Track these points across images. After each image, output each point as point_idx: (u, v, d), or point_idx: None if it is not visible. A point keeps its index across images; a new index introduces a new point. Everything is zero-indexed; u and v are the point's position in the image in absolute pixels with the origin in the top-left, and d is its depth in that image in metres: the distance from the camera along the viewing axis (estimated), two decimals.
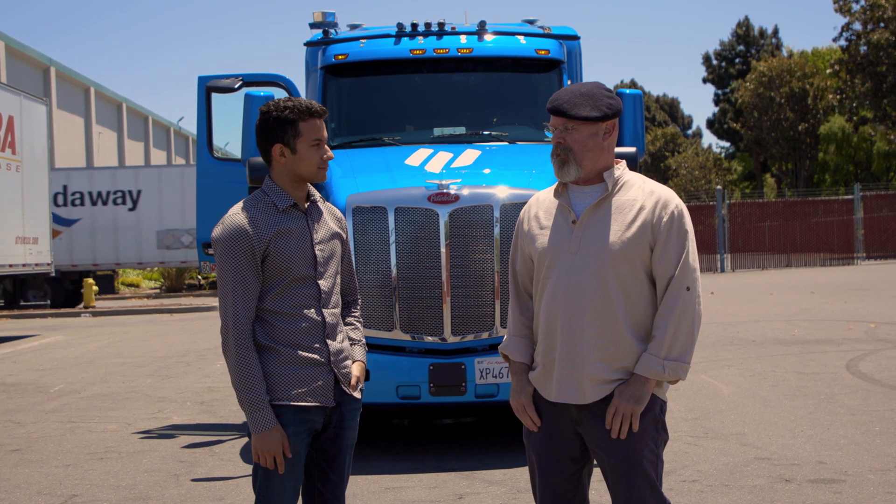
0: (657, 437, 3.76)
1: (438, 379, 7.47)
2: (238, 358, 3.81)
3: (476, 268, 7.49)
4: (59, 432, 9.40)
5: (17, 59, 39.90)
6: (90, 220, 31.89)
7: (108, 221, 32.03)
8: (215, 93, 9.22)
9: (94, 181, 32.34)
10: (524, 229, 3.94)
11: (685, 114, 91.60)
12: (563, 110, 3.74)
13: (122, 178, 32.38)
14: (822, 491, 6.41)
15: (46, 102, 23.17)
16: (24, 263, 20.60)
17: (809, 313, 18.77)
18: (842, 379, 10.72)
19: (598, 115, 3.73)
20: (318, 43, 9.47)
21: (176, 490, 7.08)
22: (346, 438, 4.06)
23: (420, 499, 6.64)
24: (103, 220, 31.99)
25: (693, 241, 3.75)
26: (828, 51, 64.95)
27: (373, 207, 7.57)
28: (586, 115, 3.72)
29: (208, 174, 9.54)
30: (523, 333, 3.95)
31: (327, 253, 4.01)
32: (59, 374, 13.87)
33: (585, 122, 3.73)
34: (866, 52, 49.50)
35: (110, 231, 31.91)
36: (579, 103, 3.74)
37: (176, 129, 63.79)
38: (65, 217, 31.69)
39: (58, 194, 31.46)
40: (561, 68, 9.32)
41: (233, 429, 9.28)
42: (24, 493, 7.18)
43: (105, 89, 50.68)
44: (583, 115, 3.72)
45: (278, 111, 3.91)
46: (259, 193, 3.97)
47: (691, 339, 3.70)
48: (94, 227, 31.88)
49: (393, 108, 9.57)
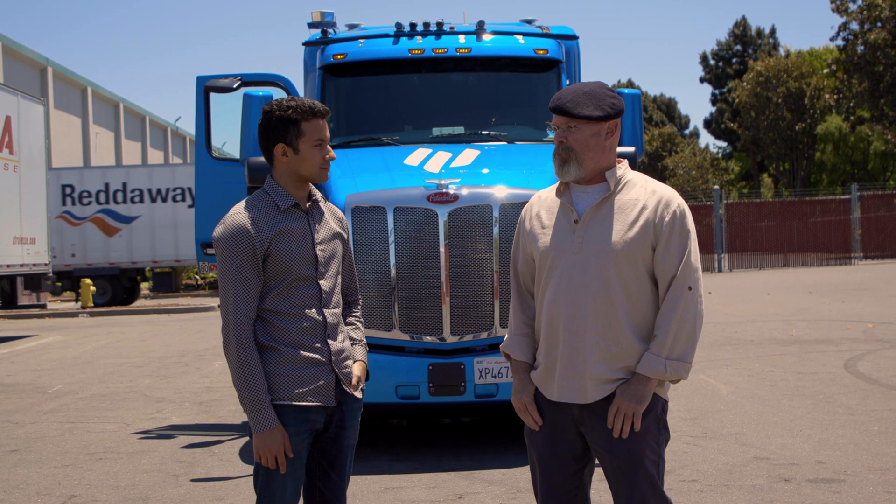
0: (659, 437, 3.76)
1: (438, 379, 7.47)
2: (239, 358, 3.81)
3: (475, 268, 7.48)
4: (58, 433, 9.39)
5: (13, 59, 39.87)
6: (149, 217, 32.06)
7: (168, 218, 32.17)
8: (214, 93, 9.21)
9: (153, 178, 32.55)
10: (526, 228, 3.94)
11: (682, 114, 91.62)
12: (566, 109, 3.74)
13: (181, 175, 32.55)
14: (821, 490, 6.42)
15: (43, 102, 23.15)
16: (22, 263, 20.57)
17: (807, 313, 18.78)
18: (840, 379, 10.72)
19: (600, 115, 3.73)
20: (316, 43, 9.46)
21: (175, 490, 7.07)
22: (348, 438, 4.06)
23: (420, 498, 6.64)
24: (162, 217, 32.15)
25: (695, 241, 3.75)
26: (825, 50, 64.98)
27: (372, 207, 7.57)
28: (589, 115, 3.72)
29: (207, 174, 9.52)
30: (525, 332, 3.95)
31: (328, 253, 4.01)
32: (57, 374, 13.86)
33: (588, 121, 3.73)
34: (863, 52, 49.47)
35: (169, 228, 32.03)
36: (582, 102, 3.73)
37: (173, 129, 63.75)
38: (124, 214, 31.95)
39: (117, 192, 31.79)
40: (559, 68, 9.32)
41: (232, 429, 9.27)
42: (24, 493, 7.18)
43: (102, 89, 50.65)
44: (585, 114, 3.72)
45: (281, 111, 3.90)
46: (260, 193, 3.97)
47: (693, 339, 3.70)
48: (154, 224, 32.06)
49: (392, 107, 9.56)
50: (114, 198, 31.64)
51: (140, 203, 32.07)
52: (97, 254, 31.39)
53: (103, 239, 31.49)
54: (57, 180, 31.15)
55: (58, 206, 30.93)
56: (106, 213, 31.74)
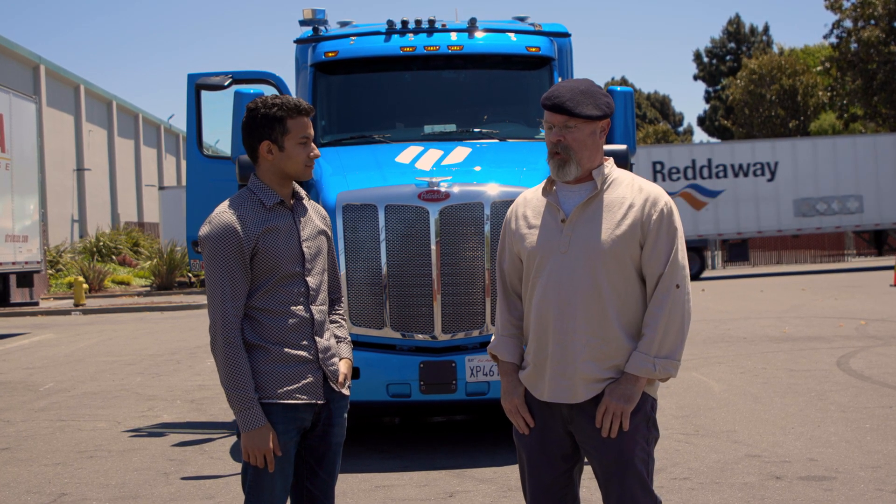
0: (648, 436, 3.75)
1: (429, 377, 7.46)
2: (227, 356, 3.80)
3: (466, 266, 7.47)
4: (49, 431, 9.36)
5: (6, 56, 39.80)
6: (733, 192, 33.19)
7: (749, 192, 33.32)
8: (205, 90, 9.20)
9: (735, 154, 33.67)
10: (512, 228, 3.92)
11: (676, 111, 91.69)
12: (567, 108, 3.71)
13: (760, 150, 33.81)
14: (812, 488, 6.42)
15: (36, 100, 23.09)
16: (14, 262, 20.52)
17: (800, 310, 18.80)
18: (832, 376, 10.73)
19: (599, 114, 3.72)
20: (307, 40, 9.44)
21: (165, 488, 7.05)
22: (335, 436, 4.05)
23: (410, 497, 6.63)
24: (744, 191, 33.30)
25: (682, 239, 3.74)
26: (818, 48, 65.04)
27: (363, 205, 7.55)
28: (589, 114, 3.70)
29: (198, 172, 9.52)
30: (512, 333, 3.93)
31: (314, 250, 4.00)
32: (48, 372, 13.83)
33: (587, 120, 3.71)
34: (857, 50, 49.58)
35: (751, 201, 33.25)
36: (581, 101, 3.71)
37: (166, 126, 63.69)
38: (710, 188, 33.19)
39: (703, 167, 33.04)
40: (552, 65, 9.30)
41: (223, 427, 9.25)
42: (13, 491, 7.15)
43: (95, 87, 50.58)
44: (586, 113, 3.70)
45: (266, 108, 3.89)
46: (245, 191, 3.96)
47: (681, 337, 3.69)
48: (737, 198, 33.23)
49: (383, 105, 9.54)
50: (700, 173, 33.04)
51: (724, 178, 33.27)
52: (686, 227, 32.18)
53: (691, 212, 32.73)
54: (647, 157, 32.98)
55: None
56: (693, 187, 33.06)
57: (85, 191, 47.75)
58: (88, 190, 48.14)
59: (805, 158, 33.43)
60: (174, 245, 34.93)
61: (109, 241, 41.30)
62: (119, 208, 53.23)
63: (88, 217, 47.75)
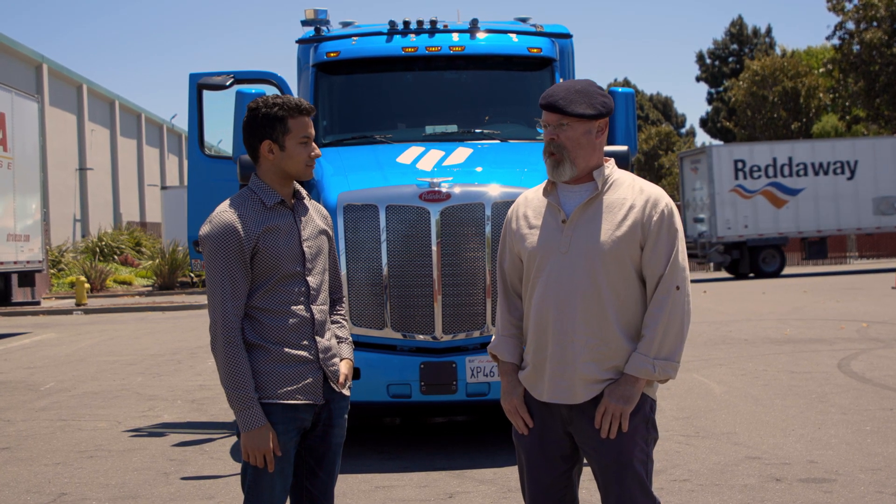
0: (647, 437, 3.74)
1: (429, 377, 7.46)
2: (227, 356, 3.80)
3: (467, 266, 7.47)
4: (49, 430, 9.36)
5: (9, 56, 39.82)
6: (813, 190, 33.41)
7: (829, 190, 33.53)
8: (207, 90, 9.20)
9: (815, 153, 33.85)
10: (512, 228, 3.92)
11: (678, 112, 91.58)
12: (559, 107, 3.71)
13: (840, 149, 33.96)
14: (812, 490, 6.41)
15: (38, 99, 23.09)
16: (16, 261, 20.52)
17: (801, 312, 18.79)
18: (833, 378, 10.72)
19: (593, 113, 3.71)
20: (309, 40, 9.44)
21: (166, 488, 7.05)
22: (335, 436, 4.05)
23: (410, 498, 6.63)
24: (824, 189, 33.52)
25: (683, 240, 3.74)
26: (821, 50, 65.00)
27: (364, 205, 7.55)
28: (582, 113, 3.70)
29: (199, 171, 9.53)
30: (512, 333, 3.93)
31: (315, 249, 4.00)
32: (49, 371, 13.83)
33: (581, 119, 3.71)
34: (859, 52, 49.55)
35: (831, 199, 33.47)
36: (575, 100, 3.71)
37: (169, 126, 63.70)
38: (790, 187, 33.40)
39: (783, 166, 33.31)
40: (553, 66, 9.30)
41: (223, 427, 9.25)
42: (13, 491, 7.15)
43: (98, 87, 50.59)
44: (579, 112, 3.70)
45: (267, 108, 3.90)
46: (246, 191, 3.96)
47: (681, 338, 3.68)
48: (817, 196, 33.45)
49: (385, 105, 9.55)
50: (781, 171, 33.27)
51: (804, 176, 33.46)
52: (767, 225, 33.00)
53: (772, 210, 33.00)
54: (729, 156, 33.24)
55: (731, 180, 32.94)
56: (774, 185, 33.28)
57: (87, 190, 47.76)
58: (90, 189, 48.15)
59: (885, 157, 33.59)
60: (176, 245, 34.93)
61: (111, 241, 41.31)
62: (121, 208, 53.25)
63: (90, 216, 47.76)
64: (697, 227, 33.84)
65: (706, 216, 33.07)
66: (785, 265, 33.64)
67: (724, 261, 32.86)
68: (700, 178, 33.85)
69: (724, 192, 32.58)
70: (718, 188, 32.67)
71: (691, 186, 34.75)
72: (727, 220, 32.47)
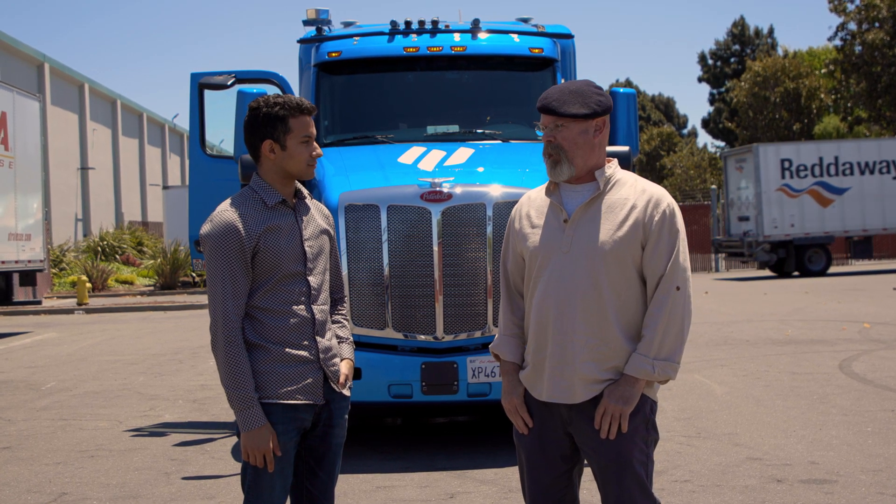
0: (647, 437, 3.74)
1: (430, 378, 7.46)
2: (227, 356, 3.80)
3: (469, 266, 7.47)
4: (50, 430, 9.36)
5: (11, 55, 39.82)
6: (858, 189, 33.47)
7: (875, 189, 33.60)
8: (208, 90, 9.20)
9: (861, 152, 33.90)
10: (515, 228, 3.92)
11: (680, 113, 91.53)
12: (552, 108, 3.72)
13: (887, 148, 34.00)
14: (813, 491, 6.40)
15: (40, 98, 23.08)
16: (17, 260, 20.51)
17: (803, 313, 18.78)
18: (835, 379, 10.71)
19: (587, 113, 3.71)
20: (311, 40, 9.44)
21: (166, 488, 7.05)
22: (336, 437, 4.05)
23: (411, 498, 6.62)
24: (870, 188, 33.58)
25: (684, 241, 3.73)
26: (823, 50, 64.97)
27: (365, 205, 7.55)
28: (576, 113, 3.70)
29: (201, 171, 9.53)
30: (514, 332, 3.93)
31: (316, 249, 4.00)
32: (51, 371, 13.83)
33: (575, 119, 3.71)
34: (861, 52, 49.52)
35: (877, 198, 33.53)
36: (568, 101, 3.72)
37: (170, 125, 63.72)
38: (836, 186, 33.40)
39: (830, 165, 33.34)
40: (555, 67, 9.30)
41: (224, 427, 9.25)
42: (14, 490, 7.16)
43: (99, 86, 50.59)
44: (572, 112, 3.70)
45: (269, 107, 3.89)
46: (247, 190, 3.96)
47: (681, 339, 3.68)
48: (863, 195, 33.52)
49: (386, 105, 9.55)
50: (827, 171, 33.27)
51: (850, 175, 33.48)
52: (813, 224, 32.99)
53: (818, 209, 32.99)
54: (776, 155, 33.25)
55: (777, 179, 32.98)
56: (820, 185, 33.26)
57: (89, 190, 47.78)
58: (92, 189, 48.16)
59: None
60: (178, 244, 34.92)
61: (113, 241, 41.31)
62: (123, 207, 53.26)
63: (92, 216, 47.77)
64: (742, 225, 33.86)
65: (752, 215, 33.05)
66: (831, 264, 33.65)
67: (770, 259, 32.88)
68: (745, 176, 33.82)
69: (771, 192, 32.59)
70: (765, 187, 32.65)
71: (736, 185, 34.68)
72: (773, 218, 32.44)
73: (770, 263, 33.35)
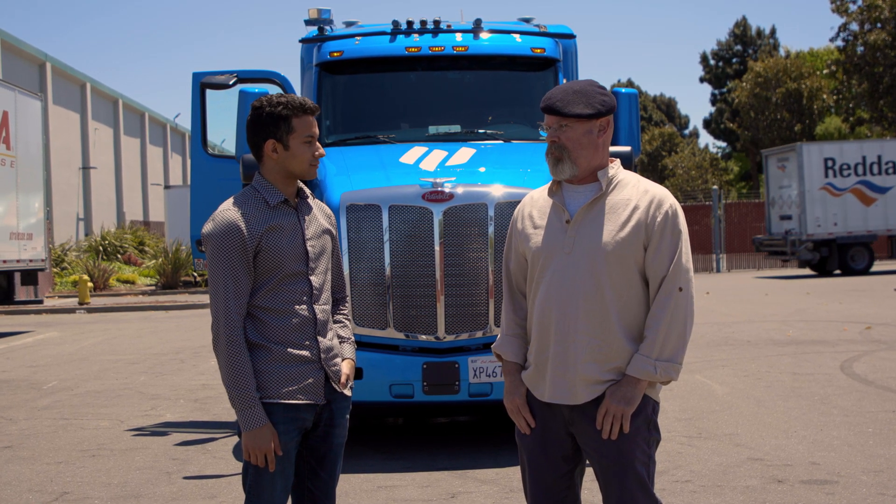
0: (649, 438, 3.74)
1: (432, 378, 7.46)
2: (229, 355, 3.80)
3: (470, 266, 7.47)
4: (52, 429, 9.37)
5: (13, 54, 39.82)
6: None
7: None
8: (210, 89, 9.20)
9: None
10: (518, 228, 3.92)
11: (682, 113, 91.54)
12: (556, 108, 3.72)
13: None
14: (814, 492, 6.40)
15: (41, 98, 23.09)
16: (18, 259, 20.52)
17: (804, 314, 18.77)
18: (836, 380, 10.71)
19: (591, 113, 3.71)
20: (313, 40, 9.44)
21: (168, 488, 7.06)
22: (337, 437, 4.05)
23: (413, 498, 6.62)
24: None
25: (687, 242, 3.73)
26: (825, 51, 64.96)
27: (367, 205, 7.56)
28: (580, 113, 3.70)
29: (202, 171, 9.53)
30: (516, 333, 3.93)
31: (318, 249, 4.00)
32: (52, 370, 13.84)
33: (579, 119, 3.71)
34: (863, 53, 49.51)
35: None
36: (572, 101, 3.72)
37: (172, 125, 63.73)
38: (879, 185, 33.43)
39: (873, 164, 33.30)
40: (556, 67, 9.30)
41: (226, 427, 9.25)
42: (15, 489, 7.16)
43: (101, 85, 50.59)
44: (576, 112, 3.70)
45: (271, 107, 3.89)
46: (249, 190, 3.96)
47: (683, 340, 3.68)
48: None
49: (388, 105, 9.54)
50: (870, 169, 33.27)
51: (893, 174, 33.47)
52: (856, 222, 33.03)
53: (861, 208, 33.06)
54: (819, 154, 33.19)
55: (821, 178, 32.95)
56: (863, 184, 33.27)
57: (90, 189, 47.79)
58: (94, 188, 48.17)
59: None
60: (179, 244, 34.92)
61: (114, 240, 41.30)
62: (124, 207, 53.27)
63: (94, 215, 47.77)
64: (784, 224, 33.86)
65: (795, 214, 33.05)
66: (873, 263, 33.67)
67: (813, 258, 32.88)
68: (788, 175, 33.79)
69: (815, 190, 32.53)
70: (808, 186, 32.61)
71: (777, 184, 34.62)
72: (817, 217, 32.38)
73: (813, 262, 33.34)
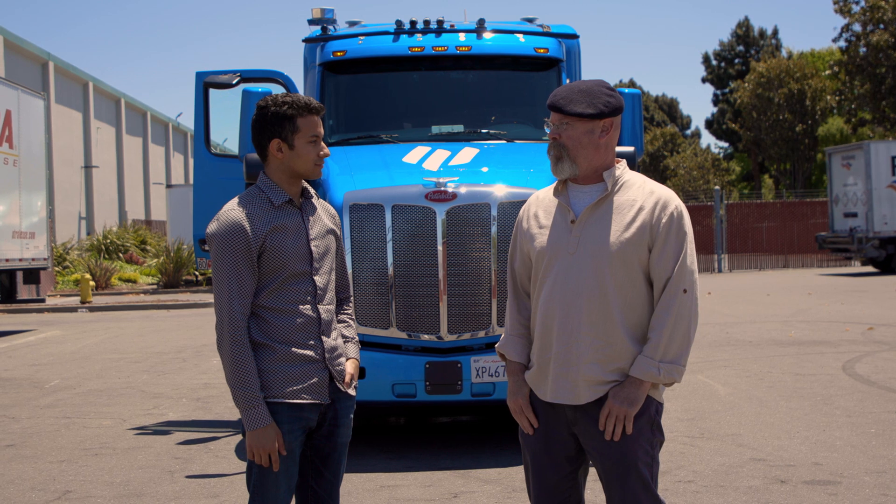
0: (652, 439, 3.74)
1: (434, 377, 7.46)
2: (233, 355, 3.80)
3: (473, 266, 7.47)
4: (54, 428, 9.38)
5: (15, 53, 39.83)
6: None
7: None
8: (213, 88, 9.21)
9: None
10: (523, 228, 3.92)
11: (684, 114, 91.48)
12: (558, 106, 3.73)
13: None
14: (817, 492, 6.40)
15: (44, 97, 23.09)
16: (21, 258, 20.52)
17: (806, 314, 18.76)
18: (838, 380, 10.71)
19: (592, 113, 3.71)
20: (316, 39, 9.44)
21: (170, 487, 7.06)
22: (341, 436, 4.06)
23: (415, 497, 6.63)
24: None
25: (692, 243, 3.73)
26: (827, 52, 64.91)
27: (370, 205, 7.56)
28: (580, 112, 3.70)
29: (205, 170, 9.53)
30: (520, 332, 3.93)
31: (322, 249, 4.00)
32: (54, 369, 13.85)
33: (580, 118, 3.71)
34: (866, 54, 49.47)
35: None
36: (576, 100, 3.72)
37: (174, 124, 63.75)
38: None
39: None
40: (560, 67, 9.30)
41: (228, 425, 9.26)
42: (18, 488, 7.16)
43: (104, 84, 50.61)
44: (577, 111, 3.70)
45: (276, 106, 3.90)
46: (254, 189, 3.96)
47: (687, 342, 3.68)
48: None
49: (391, 105, 9.55)
50: None
51: None
52: None
53: None
54: (886, 152, 33.10)
55: (888, 176, 32.84)
56: None
57: (93, 188, 47.79)
58: (96, 187, 48.18)
59: None
60: (181, 243, 34.91)
61: (116, 239, 41.31)
62: (126, 206, 53.29)
63: (96, 214, 47.79)
64: (849, 222, 33.83)
65: (861, 211, 33.06)
66: None
67: (879, 255, 32.85)
68: (853, 173, 33.78)
69: (881, 188, 32.48)
70: (875, 184, 32.60)
71: (842, 182, 34.60)
72: (883, 215, 32.36)
73: (879, 259, 33.33)
